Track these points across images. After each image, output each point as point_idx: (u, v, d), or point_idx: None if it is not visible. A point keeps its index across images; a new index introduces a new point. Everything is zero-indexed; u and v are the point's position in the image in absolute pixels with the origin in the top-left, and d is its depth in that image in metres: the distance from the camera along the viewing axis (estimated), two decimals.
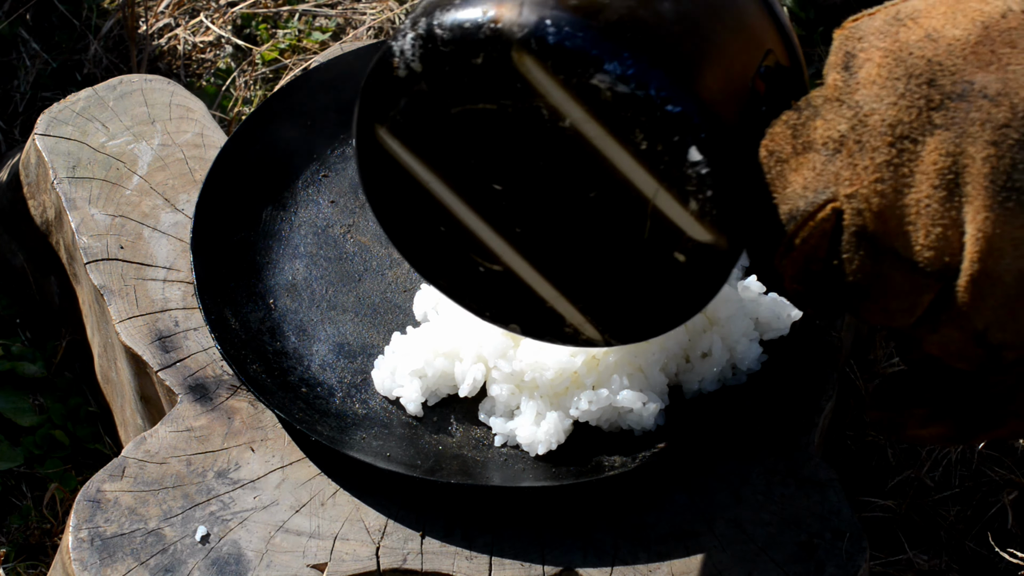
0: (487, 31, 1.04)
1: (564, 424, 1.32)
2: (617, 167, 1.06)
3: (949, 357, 1.01)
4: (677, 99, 1.03)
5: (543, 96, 1.04)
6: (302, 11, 2.08)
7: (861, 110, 0.98)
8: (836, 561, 1.27)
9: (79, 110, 1.58)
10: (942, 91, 0.96)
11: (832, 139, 0.99)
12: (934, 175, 0.96)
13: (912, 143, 0.96)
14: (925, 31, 0.98)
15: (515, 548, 1.28)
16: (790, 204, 1.02)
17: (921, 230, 0.97)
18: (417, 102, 1.09)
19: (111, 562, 1.26)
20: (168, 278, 1.46)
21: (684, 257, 1.09)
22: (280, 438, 1.35)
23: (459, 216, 1.14)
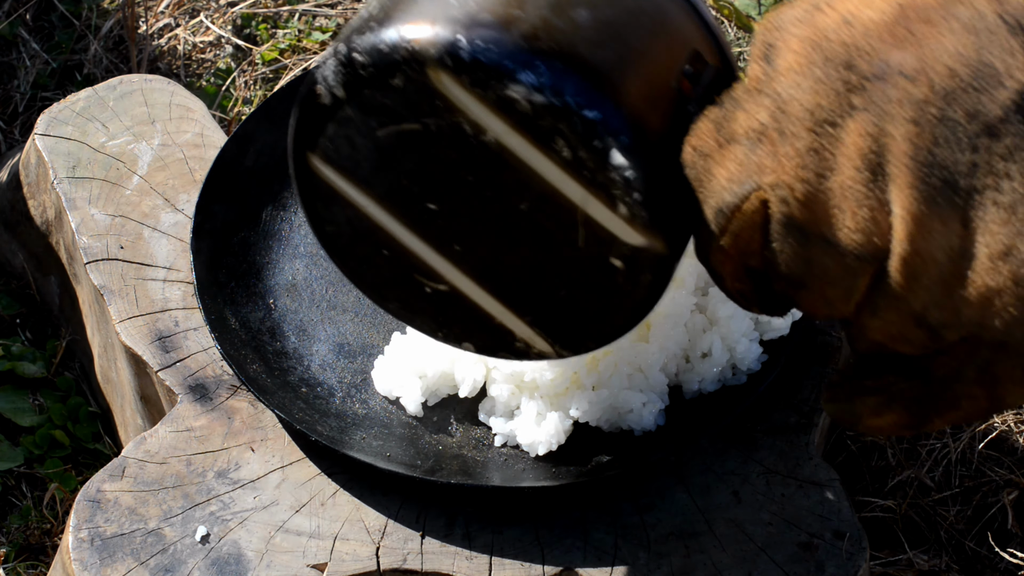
0: (403, 52, 1.04)
1: (565, 424, 1.32)
2: (544, 177, 1.06)
3: (893, 342, 1.00)
4: (594, 104, 1.03)
5: (463, 112, 1.05)
6: (302, 11, 2.08)
7: (781, 98, 0.98)
8: (836, 561, 1.27)
9: (79, 110, 1.58)
10: (860, 73, 0.95)
11: (754, 129, 0.99)
12: (856, 157, 0.95)
13: (832, 127, 0.96)
14: (841, 15, 0.97)
15: (515, 548, 1.28)
16: (716, 198, 1.01)
17: (848, 214, 0.96)
18: (344, 127, 1.09)
19: (111, 562, 1.26)
20: (168, 278, 1.46)
21: (621, 263, 1.09)
22: (280, 438, 1.35)
23: (399, 238, 1.14)
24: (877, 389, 1.04)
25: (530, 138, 1.04)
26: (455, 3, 1.05)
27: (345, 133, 1.10)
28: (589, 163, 1.04)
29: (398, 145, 1.09)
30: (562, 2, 1.05)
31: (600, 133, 1.03)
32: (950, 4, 0.96)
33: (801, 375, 1.39)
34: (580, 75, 1.03)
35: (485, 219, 1.11)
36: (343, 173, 1.12)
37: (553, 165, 1.05)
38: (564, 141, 1.04)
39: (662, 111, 1.06)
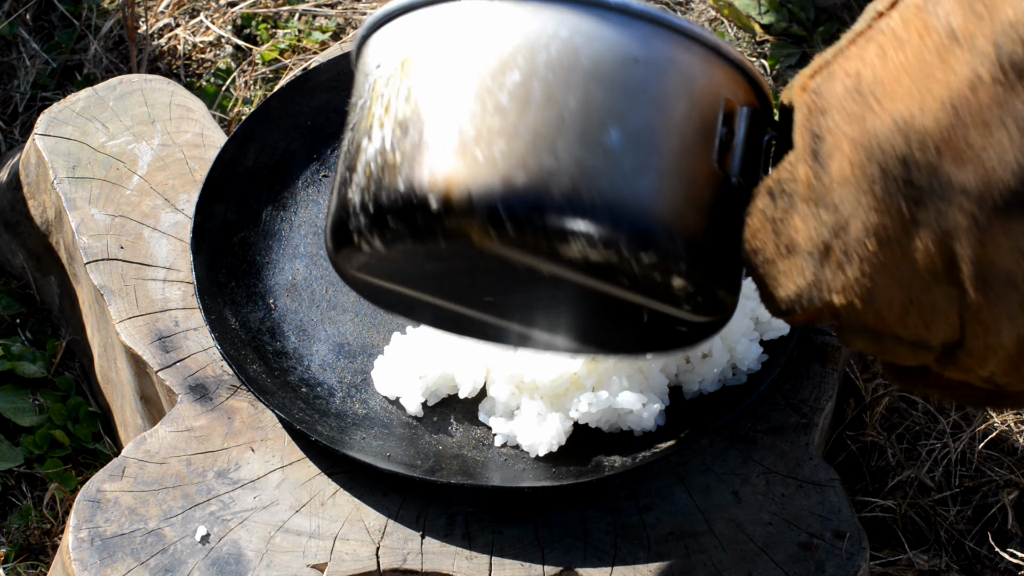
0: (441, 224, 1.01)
1: (565, 426, 1.32)
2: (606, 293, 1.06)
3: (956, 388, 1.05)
4: (648, 245, 1.01)
5: (516, 262, 1.03)
6: (302, 11, 2.07)
7: (841, 215, 0.97)
8: (836, 561, 1.27)
9: (79, 110, 1.58)
10: (920, 190, 0.95)
11: (817, 247, 0.99)
12: (924, 270, 0.96)
13: (898, 246, 0.96)
14: (892, 120, 0.96)
15: (515, 548, 1.28)
16: (784, 306, 1.02)
17: (918, 321, 0.97)
18: (387, 263, 1.08)
19: (111, 562, 1.26)
20: (168, 278, 1.46)
21: (687, 328, 1.10)
22: (280, 438, 1.35)
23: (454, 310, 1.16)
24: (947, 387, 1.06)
25: (589, 277, 1.04)
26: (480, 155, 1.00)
27: (388, 265, 1.08)
28: (651, 288, 1.04)
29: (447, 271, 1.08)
30: (591, 128, 1.01)
31: (659, 270, 1.02)
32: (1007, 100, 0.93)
33: (801, 375, 1.39)
34: (630, 221, 1.00)
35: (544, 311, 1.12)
36: (390, 281, 1.12)
37: (615, 289, 1.05)
38: (625, 277, 1.03)
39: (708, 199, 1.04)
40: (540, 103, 1.01)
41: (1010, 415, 1.63)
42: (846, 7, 2.07)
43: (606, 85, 1.02)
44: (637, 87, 1.03)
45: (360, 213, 1.04)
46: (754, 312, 1.36)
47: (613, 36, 1.03)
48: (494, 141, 1.00)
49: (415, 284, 1.12)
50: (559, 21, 1.03)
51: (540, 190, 0.99)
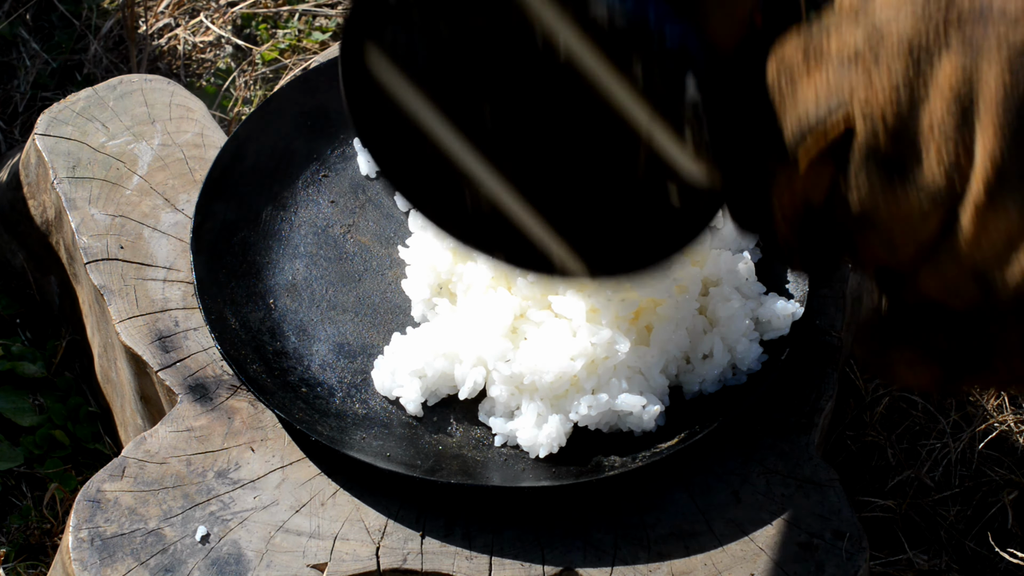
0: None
1: (565, 427, 1.32)
2: (612, 97, 1.04)
3: (944, 295, 0.99)
4: (675, 30, 1.01)
5: (539, 22, 1.02)
6: (302, 11, 2.08)
7: (878, 24, 0.96)
8: (836, 561, 1.27)
9: (79, 110, 1.58)
10: (960, 10, 0.94)
11: (847, 51, 0.97)
12: (948, 94, 0.94)
13: (928, 60, 0.95)
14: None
15: (515, 548, 1.28)
16: (800, 112, 0.99)
17: (932, 150, 0.95)
18: (409, 25, 1.06)
19: (111, 562, 1.26)
20: (168, 278, 1.46)
21: (676, 193, 1.07)
22: (280, 438, 1.35)
23: (448, 140, 1.10)
24: (916, 342, 1.02)
25: (605, 56, 1.02)
26: None
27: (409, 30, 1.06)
28: (662, 88, 1.02)
29: (463, 47, 1.05)
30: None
31: (678, 58, 1.01)
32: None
33: (801, 375, 1.39)
34: None
35: (541, 132, 1.08)
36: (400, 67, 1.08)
37: (624, 86, 1.03)
38: (640, 63, 1.01)
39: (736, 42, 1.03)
40: None
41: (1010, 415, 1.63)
42: None
43: None
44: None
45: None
46: (754, 312, 1.36)
47: None
48: None
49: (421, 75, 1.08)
50: None
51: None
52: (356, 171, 1.53)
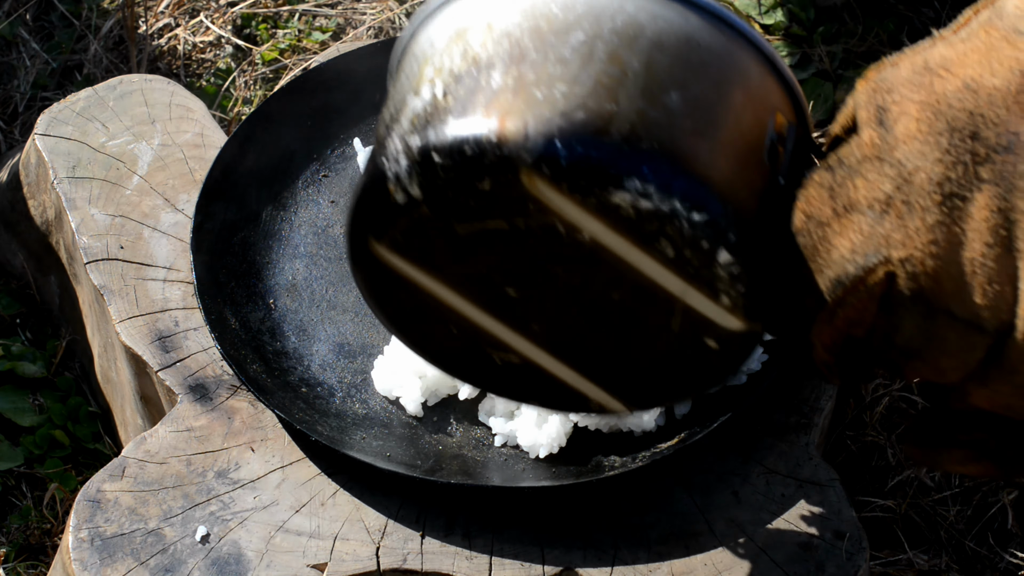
0: (492, 157, 0.96)
1: (566, 427, 1.32)
2: (643, 272, 1.01)
3: (996, 408, 0.98)
4: (703, 206, 0.97)
5: (559, 215, 0.98)
6: (302, 11, 2.07)
7: (905, 168, 0.95)
8: (836, 561, 1.27)
9: (79, 110, 1.58)
10: (987, 144, 0.93)
11: (878, 200, 0.95)
12: (987, 232, 0.93)
13: (961, 200, 0.93)
14: (962, 81, 0.95)
15: (515, 548, 1.28)
16: (836, 269, 0.97)
17: (977, 289, 0.94)
18: (419, 225, 1.01)
19: (111, 562, 1.26)
20: (168, 278, 1.46)
21: (715, 343, 1.05)
22: (280, 438, 1.35)
23: (472, 318, 1.08)
24: (967, 444, 1.02)
25: (632, 240, 0.99)
26: (541, 96, 0.97)
27: (419, 229, 1.02)
28: (694, 261, 0.99)
29: (480, 240, 1.02)
30: (653, 87, 0.98)
31: (708, 235, 0.98)
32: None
33: (801, 375, 1.39)
34: (685, 174, 0.97)
35: (570, 305, 1.05)
36: (412, 261, 1.05)
37: (654, 262, 1.00)
38: (669, 242, 0.98)
39: (756, 188, 1.01)
40: (603, 60, 0.98)
41: None
42: (846, 7, 2.07)
43: (669, 55, 1.00)
44: (699, 64, 1.01)
45: (401, 156, 0.99)
46: None
47: (678, 19, 1.02)
48: (555, 84, 0.97)
49: (437, 266, 1.05)
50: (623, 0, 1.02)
51: (599, 128, 0.96)
52: (356, 171, 1.53)
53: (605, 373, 1.10)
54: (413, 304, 1.08)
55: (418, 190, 0.99)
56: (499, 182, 0.97)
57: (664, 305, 1.02)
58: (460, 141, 0.97)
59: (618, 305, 1.04)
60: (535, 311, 1.06)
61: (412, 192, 0.99)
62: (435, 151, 0.97)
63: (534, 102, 0.96)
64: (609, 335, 1.07)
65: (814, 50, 2.02)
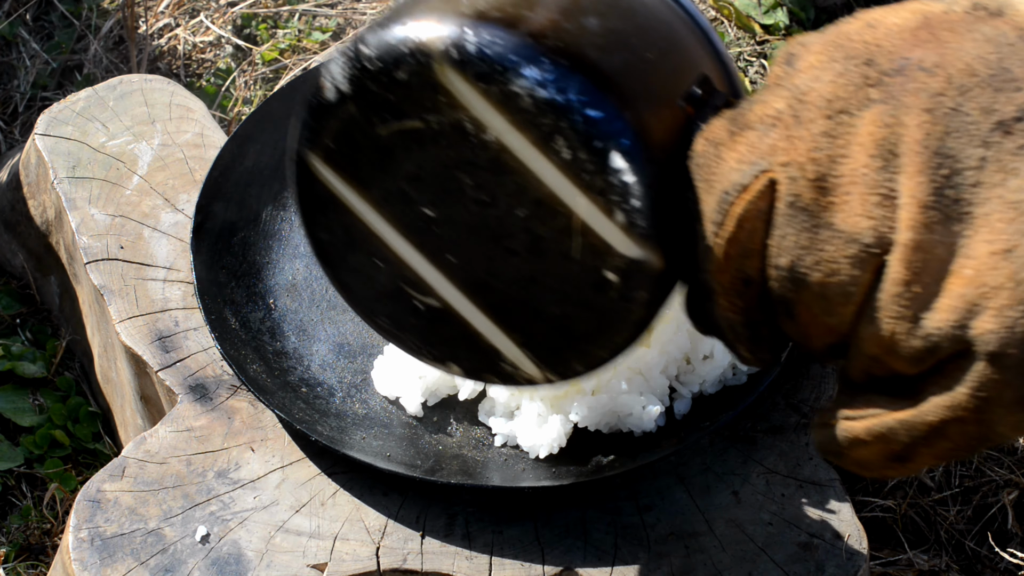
0: (410, 45, 1.04)
1: (566, 427, 1.32)
2: (542, 180, 1.05)
3: (887, 354, 0.96)
4: (597, 104, 1.02)
5: (466, 108, 1.04)
6: (302, 11, 2.08)
7: (799, 89, 0.98)
8: (836, 561, 1.27)
9: (79, 110, 1.58)
10: (880, 69, 0.96)
11: (768, 116, 0.99)
12: (870, 145, 0.95)
13: (849, 116, 0.96)
14: (864, 21, 0.99)
15: (515, 548, 1.28)
16: (723, 181, 1.00)
17: (856, 199, 0.95)
18: (347, 126, 1.09)
19: (111, 562, 1.26)
20: (168, 278, 1.46)
21: (616, 276, 1.06)
22: (280, 438, 1.35)
23: (393, 247, 1.13)
24: (864, 416, 1.00)
25: (531, 136, 1.03)
26: (465, 2, 1.05)
27: (347, 131, 1.09)
28: (588, 165, 1.03)
29: (399, 144, 1.08)
30: (573, 8, 1.05)
31: (601, 133, 1.02)
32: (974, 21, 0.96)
33: (801, 375, 1.39)
34: (585, 74, 1.02)
35: (480, 227, 1.09)
36: (342, 174, 1.11)
37: (552, 166, 1.04)
38: (564, 140, 1.02)
39: (666, 125, 1.05)
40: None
41: None
42: (846, 7, 2.07)
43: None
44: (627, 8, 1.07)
45: (337, 56, 1.08)
46: None
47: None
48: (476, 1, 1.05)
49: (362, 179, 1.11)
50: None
51: (509, 23, 1.03)
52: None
53: (517, 320, 1.13)
54: (343, 231, 1.14)
55: (347, 84, 1.07)
56: (414, 72, 1.04)
57: (564, 223, 1.06)
58: (387, 36, 1.05)
59: (524, 226, 1.07)
60: (449, 237, 1.11)
61: (342, 88, 1.07)
62: (364, 46, 1.06)
63: (458, 6, 1.05)
64: (518, 267, 1.10)
65: None
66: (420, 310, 1.15)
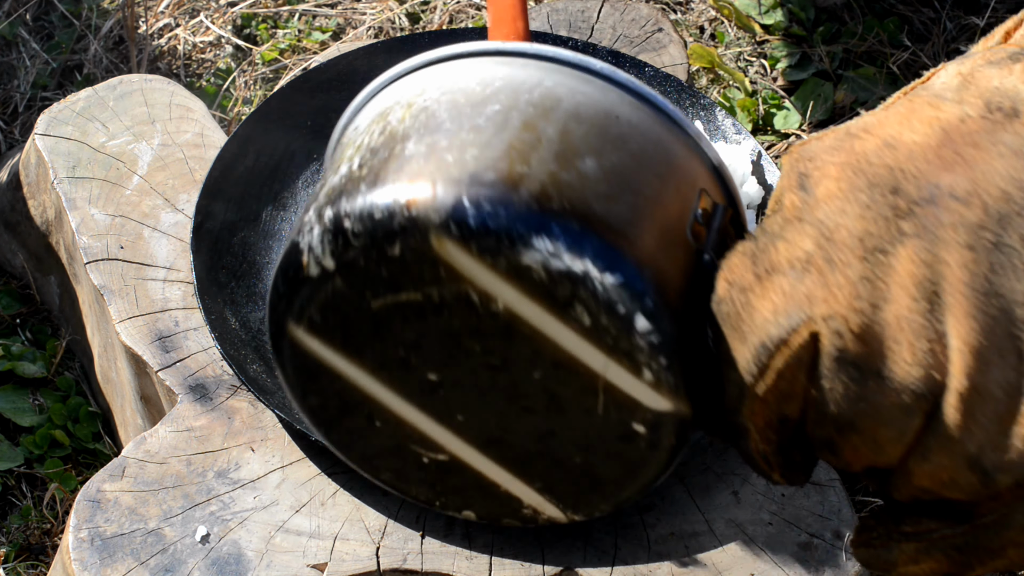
0: (401, 219, 0.94)
1: None
2: (560, 345, 0.98)
3: (941, 487, 0.94)
4: (616, 266, 0.95)
5: (470, 281, 0.95)
6: (302, 11, 2.08)
7: (826, 226, 0.92)
8: (836, 561, 1.27)
9: (79, 110, 1.58)
10: (908, 197, 0.91)
11: (799, 259, 0.93)
12: (911, 286, 0.90)
13: (884, 254, 0.91)
14: (882, 140, 0.93)
15: (515, 548, 1.28)
16: (759, 333, 0.94)
17: (905, 346, 0.90)
18: (334, 299, 0.99)
19: (111, 562, 1.26)
20: (168, 278, 1.46)
21: (644, 428, 1.01)
22: (280, 438, 1.35)
23: (394, 410, 1.05)
24: (916, 536, 0.98)
25: (546, 306, 0.96)
26: (451, 160, 0.95)
27: (335, 304, 1.00)
28: (611, 329, 0.96)
29: (395, 316, 0.99)
30: (567, 153, 0.97)
31: (623, 297, 0.95)
32: (995, 130, 0.92)
33: None
34: (598, 235, 0.94)
35: (492, 388, 1.02)
36: (331, 344, 1.02)
37: (571, 332, 0.97)
38: (584, 308, 0.95)
39: (680, 265, 0.98)
40: (517, 128, 0.97)
41: None
42: (846, 7, 2.07)
43: (586, 125, 0.99)
44: (617, 137, 1.00)
45: (315, 227, 0.98)
46: None
47: (597, 94, 1.01)
48: (466, 149, 0.96)
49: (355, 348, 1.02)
50: (544, 74, 1.01)
51: (508, 187, 0.95)
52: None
53: (535, 469, 1.08)
54: (335, 397, 1.06)
55: (331, 260, 0.97)
56: (409, 247, 0.95)
57: (586, 383, 0.99)
58: (370, 206, 0.96)
59: (541, 386, 1.01)
60: (457, 399, 1.04)
61: (325, 264, 0.98)
62: (346, 218, 0.96)
63: (444, 165, 0.95)
64: (535, 423, 1.04)
65: (814, 50, 2.02)
66: (427, 464, 1.09)
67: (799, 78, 2.00)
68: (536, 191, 0.95)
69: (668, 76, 1.59)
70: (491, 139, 0.97)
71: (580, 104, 1.00)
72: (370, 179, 0.97)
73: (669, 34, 1.74)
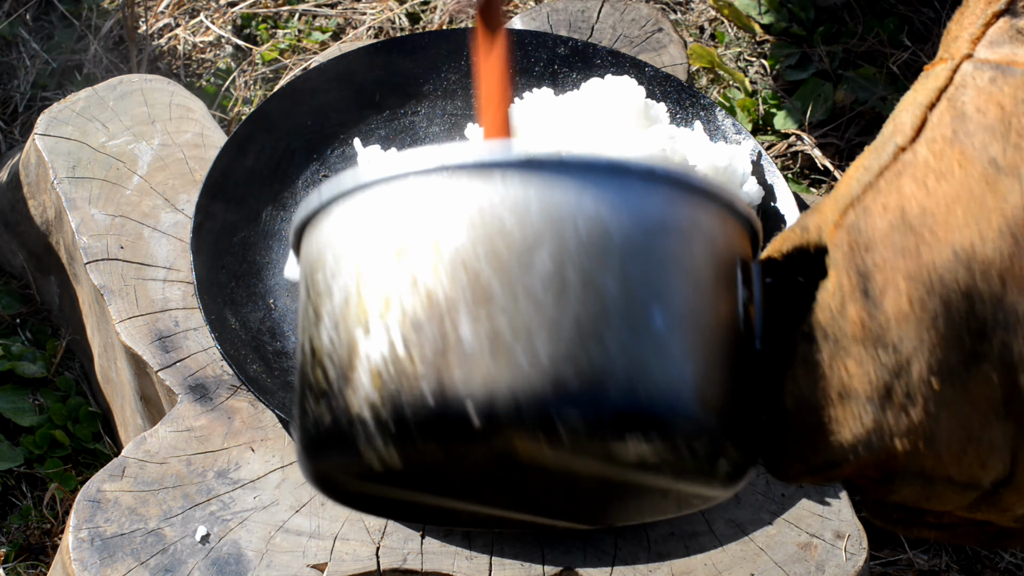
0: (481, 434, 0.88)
1: None
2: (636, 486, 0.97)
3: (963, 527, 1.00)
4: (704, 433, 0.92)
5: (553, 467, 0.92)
6: (302, 11, 2.08)
7: (901, 354, 0.92)
8: (836, 561, 1.27)
9: (79, 110, 1.58)
10: (983, 323, 0.91)
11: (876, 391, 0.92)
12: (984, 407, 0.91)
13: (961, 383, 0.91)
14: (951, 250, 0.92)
15: (515, 548, 1.28)
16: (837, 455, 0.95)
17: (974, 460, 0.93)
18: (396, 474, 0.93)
19: (111, 562, 1.26)
20: (168, 278, 1.46)
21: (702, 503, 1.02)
22: (280, 438, 1.35)
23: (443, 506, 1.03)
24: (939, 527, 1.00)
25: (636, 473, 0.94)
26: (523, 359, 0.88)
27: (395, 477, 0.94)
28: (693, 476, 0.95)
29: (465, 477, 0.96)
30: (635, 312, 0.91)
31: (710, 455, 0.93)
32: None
33: None
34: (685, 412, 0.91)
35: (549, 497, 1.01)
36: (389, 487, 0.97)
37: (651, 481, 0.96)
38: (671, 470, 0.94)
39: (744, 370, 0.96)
40: (578, 289, 0.90)
41: None
42: (846, 7, 2.07)
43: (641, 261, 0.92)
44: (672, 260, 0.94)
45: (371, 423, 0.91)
46: None
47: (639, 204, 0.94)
48: (535, 337, 0.89)
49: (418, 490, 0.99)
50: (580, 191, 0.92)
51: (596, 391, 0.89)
52: None
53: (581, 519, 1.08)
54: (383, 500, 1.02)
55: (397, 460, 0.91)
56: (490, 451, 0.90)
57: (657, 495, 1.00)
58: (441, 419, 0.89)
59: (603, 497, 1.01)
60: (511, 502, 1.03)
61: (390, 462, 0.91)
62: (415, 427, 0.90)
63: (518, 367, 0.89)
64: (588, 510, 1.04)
65: (814, 50, 2.02)
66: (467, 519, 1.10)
67: (799, 78, 2.00)
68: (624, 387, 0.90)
69: (668, 76, 1.59)
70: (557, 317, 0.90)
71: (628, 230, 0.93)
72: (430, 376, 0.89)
73: (669, 34, 1.74)
